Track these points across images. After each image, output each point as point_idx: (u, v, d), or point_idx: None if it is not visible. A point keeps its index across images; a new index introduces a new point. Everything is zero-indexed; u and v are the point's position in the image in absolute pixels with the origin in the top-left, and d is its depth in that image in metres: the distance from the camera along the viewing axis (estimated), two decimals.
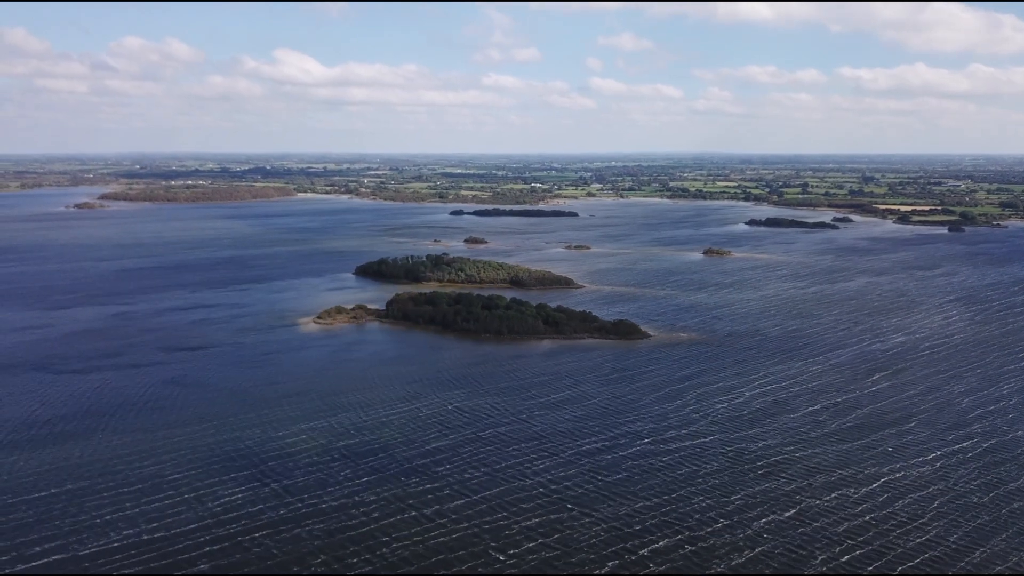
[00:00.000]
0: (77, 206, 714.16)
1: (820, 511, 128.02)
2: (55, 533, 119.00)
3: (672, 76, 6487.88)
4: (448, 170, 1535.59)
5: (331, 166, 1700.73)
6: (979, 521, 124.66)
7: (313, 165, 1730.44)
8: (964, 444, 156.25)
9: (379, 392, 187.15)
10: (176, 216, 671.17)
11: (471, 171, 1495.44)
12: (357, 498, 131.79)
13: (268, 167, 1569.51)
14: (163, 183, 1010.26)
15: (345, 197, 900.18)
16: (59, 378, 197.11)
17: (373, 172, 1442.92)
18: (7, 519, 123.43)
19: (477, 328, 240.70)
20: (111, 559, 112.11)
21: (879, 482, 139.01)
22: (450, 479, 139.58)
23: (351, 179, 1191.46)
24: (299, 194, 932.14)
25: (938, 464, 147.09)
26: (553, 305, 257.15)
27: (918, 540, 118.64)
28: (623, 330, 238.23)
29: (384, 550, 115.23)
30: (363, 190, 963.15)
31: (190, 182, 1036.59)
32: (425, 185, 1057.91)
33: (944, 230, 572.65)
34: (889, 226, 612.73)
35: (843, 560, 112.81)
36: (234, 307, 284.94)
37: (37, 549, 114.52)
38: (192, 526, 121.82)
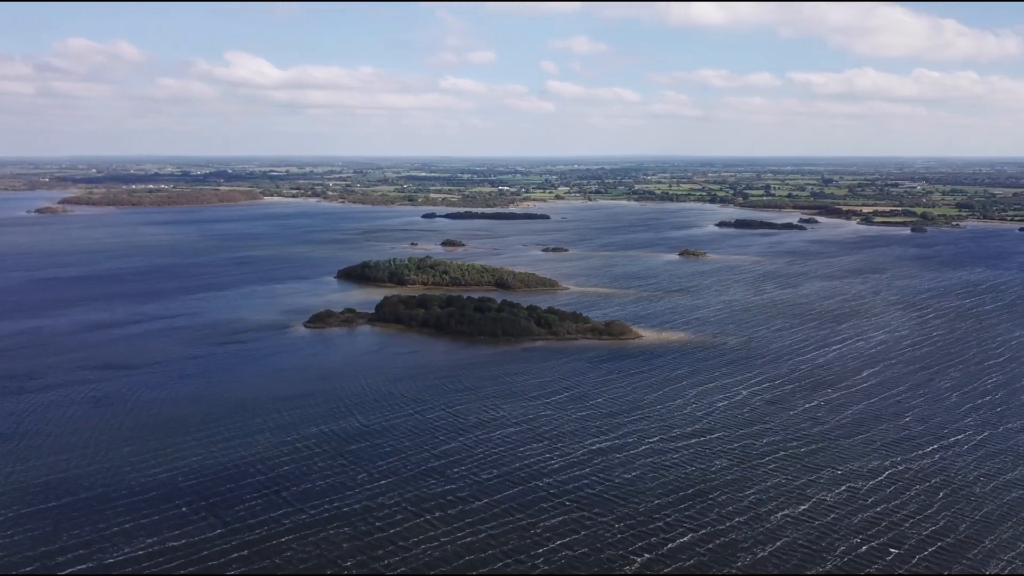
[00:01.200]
0: (39, 211, 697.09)
1: (832, 504, 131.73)
2: (77, 542, 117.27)
3: (629, 79, 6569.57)
4: (412, 173, 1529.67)
5: (294, 169, 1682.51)
6: (984, 511, 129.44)
7: (276, 168, 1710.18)
8: (959, 437, 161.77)
9: (382, 396, 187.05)
10: (145, 220, 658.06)
11: (436, 174, 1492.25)
12: (377, 501, 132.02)
13: (230, 171, 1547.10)
14: (124, 187, 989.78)
15: (313, 200, 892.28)
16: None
17: (337, 175, 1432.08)
18: (22, 528, 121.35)
19: (471, 330, 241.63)
20: (140, 566, 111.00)
21: (884, 475, 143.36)
22: (467, 480, 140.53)
23: (316, 182, 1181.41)
24: (265, 198, 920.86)
25: (937, 457, 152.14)
26: (543, 307, 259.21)
27: (930, 530, 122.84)
28: (615, 331, 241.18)
29: (415, 551, 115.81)
30: (330, 193, 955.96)
31: (151, 186, 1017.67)
32: (392, 188, 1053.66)
33: (907, 231, 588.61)
34: (854, 227, 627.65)
35: (862, 551, 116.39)
36: (217, 312, 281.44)
37: (61, 559, 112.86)
38: (216, 532, 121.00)
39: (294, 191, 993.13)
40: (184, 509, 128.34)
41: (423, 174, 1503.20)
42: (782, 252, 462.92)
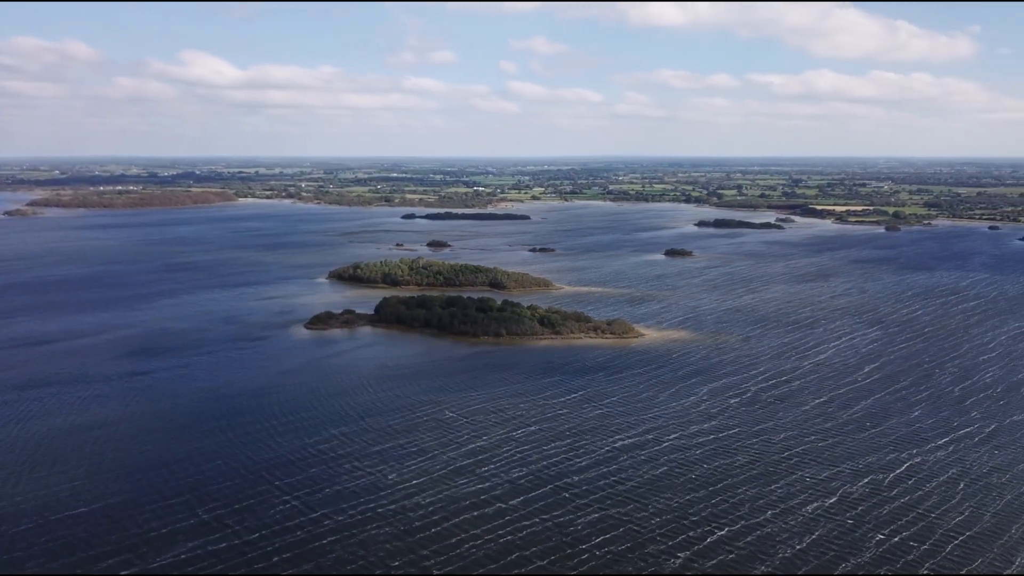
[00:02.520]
0: (7, 213, 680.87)
1: (859, 497, 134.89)
2: (115, 548, 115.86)
3: (590, 80, 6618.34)
4: (383, 174, 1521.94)
5: (263, 170, 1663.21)
6: (1005, 499, 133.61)
7: (244, 169, 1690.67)
8: (969, 429, 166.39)
9: (395, 397, 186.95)
10: (122, 223, 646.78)
11: (407, 175, 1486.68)
12: (413, 501, 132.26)
13: (197, 172, 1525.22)
14: (91, 189, 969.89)
15: (288, 202, 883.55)
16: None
17: (308, 176, 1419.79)
18: (55, 536, 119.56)
19: (475, 330, 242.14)
20: (184, 571, 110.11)
21: (903, 467, 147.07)
22: (498, 479, 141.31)
23: (288, 183, 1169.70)
24: (239, 199, 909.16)
25: (951, 449, 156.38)
26: (543, 306, 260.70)
27: (956, 520, 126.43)
28: (618, 330, 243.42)
29: (459, 550, 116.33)
30: (304, 194, 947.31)
31: (120, 188, 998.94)
32: (366, 189, 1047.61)
33: (882, 229, 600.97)
34: (830, 226, 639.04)
35: (895, 541, 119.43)
36: (211, 314, 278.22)
37: (103, 565, 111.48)
38: (256, 535, 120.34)
39: (268, 192, 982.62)
40: (219, 512, 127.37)
41: (394, 175, 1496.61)
42: (766, 251, 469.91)
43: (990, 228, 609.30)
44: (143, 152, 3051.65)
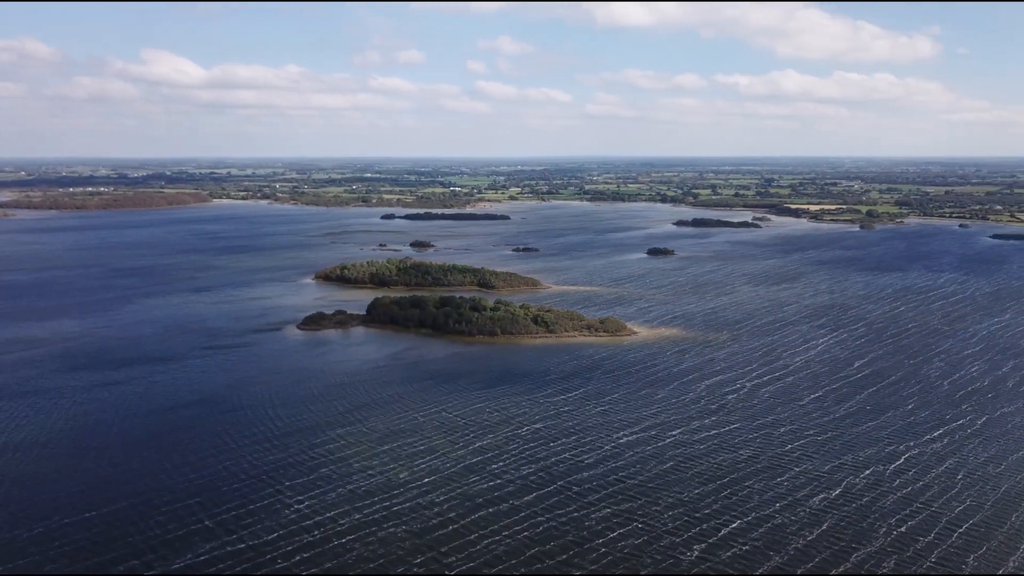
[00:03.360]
0: None
1: (863, 488, 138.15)
2: (132, 550, 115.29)
3: (559, 80, 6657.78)
4: (357, 174, 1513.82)
5: (235, 171, 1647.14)
6: (1003, 489, 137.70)
7: (216, 170, 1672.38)
8: (961, 422, 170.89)
9: (396, 396, 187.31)
10: (100, 224, 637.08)
11: (381, 175, 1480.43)
12: (427, 499, 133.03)
13: (168, 173, 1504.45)
14: (61, 191, 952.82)
15: (264, 202, 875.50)
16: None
17: (281, 177, 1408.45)
18: (69, 539, 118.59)
19: (470, 329, 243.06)
20: (206, 571, 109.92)
21: (902, 459, 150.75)
22: (508, 476, 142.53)
23: (262, 184, 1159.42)
24: (214, 200, 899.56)
25: (946, 440, 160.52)
26: (534, 305, 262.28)
27: (959, 509, 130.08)
28: (611, 328, 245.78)
29: (479, 547, 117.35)
30: (280, 195, 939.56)
31: (91, 189, 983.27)
32: (342, 189, 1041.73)
33: (856, 228, 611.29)
34: (805, 224, 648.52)
35: (902, 530, 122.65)
36: (199, 316, 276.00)
37: (121, 568, 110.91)
38: (274, 535, 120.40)
39: (242, 193, 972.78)
40: (233, 513, 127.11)
41: (368, 175, 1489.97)
42: (746, 249, 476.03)
43: (960, 226, 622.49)
44: (109, 153, 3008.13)
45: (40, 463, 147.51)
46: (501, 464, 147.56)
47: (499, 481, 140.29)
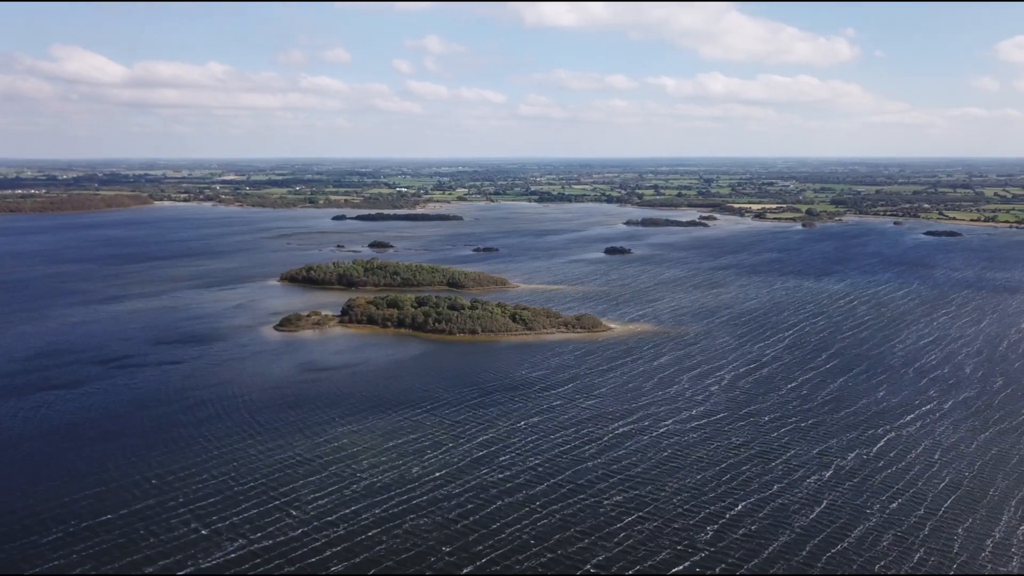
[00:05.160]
0: None
1: (852, 468, 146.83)
2: (161, 551, 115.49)
3: (490, 81, 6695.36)
4: (297, 175, 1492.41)
5: (169, 172, 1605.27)
6: (979, 464, 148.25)
7: (150, 172, 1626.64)
8: (929, 406, 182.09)
9: (392, 393, 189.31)
10: (45, 227, 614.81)
11: (322, 176, 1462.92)
12: (443, 491, 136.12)
13: (100, 175, 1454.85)
14: None
15: (208, 204, 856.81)
16: None
17: (220, 178, 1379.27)
18: (90, 543, 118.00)
19: (450, 328, 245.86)
20: (240, 567, 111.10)
21: (883, 441, 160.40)
22: (517, 467, 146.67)
23: (202, 185, 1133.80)
24: (155, 202, 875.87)
25: (919, 424, 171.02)
26: (511, 304, 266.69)
27: (942, 485, 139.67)
28: (587, 324, 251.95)
29: (504, 535, 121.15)
30: (224, 197, 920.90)
31: (21, 191, 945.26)
32: (287, 190, 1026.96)
33: (799, 226, 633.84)
34: (750, 222, 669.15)
35: (894, 506, 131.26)
36: (175, 316, 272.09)
37: (149, 570, 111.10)
38: (299, 531, 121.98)
39: (183, 195, 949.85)
40: (254, 512, 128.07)
41: (309, 176, 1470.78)
42: (698, 247, 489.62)
43: (895, 224, 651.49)
44: (27, 154, 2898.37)
45: (41, 461, 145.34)
46: (508, 457, 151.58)
47: (509, 473, 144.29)
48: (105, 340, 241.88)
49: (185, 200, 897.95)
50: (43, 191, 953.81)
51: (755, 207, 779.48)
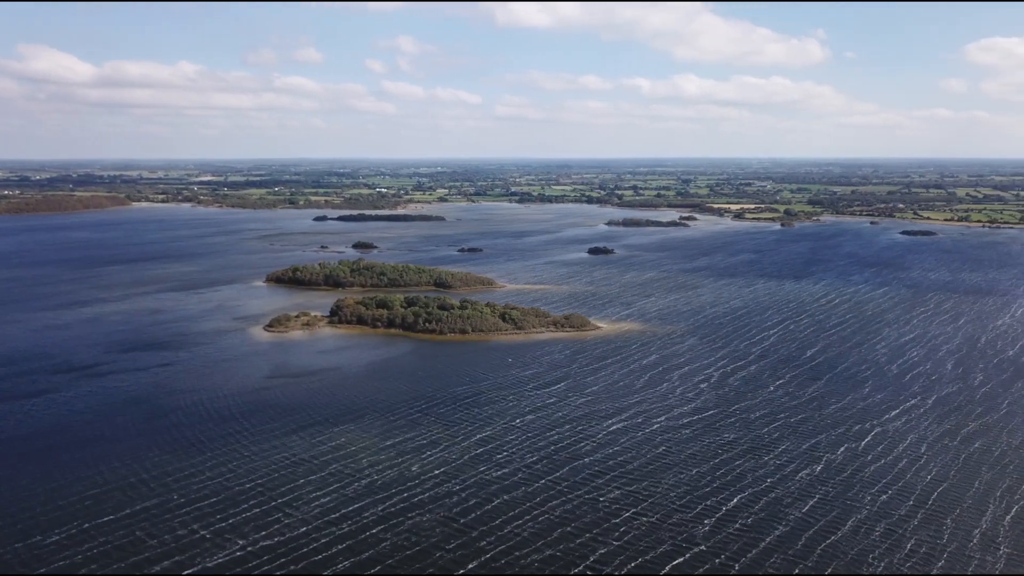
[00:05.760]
0: None
1: (842, 462, 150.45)
2: (166, 550, 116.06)
3: (465, 81, 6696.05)
4: (274, 176, 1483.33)
5: (145, 173, 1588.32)
6: (962, 458, 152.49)
7: (125, 172, 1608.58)
8: (914, 401, 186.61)
9: (386, 393, 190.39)
10: (26, 228, 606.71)
11: (300, 177, 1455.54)
12: (444, 489, 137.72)
13: (74, 175, 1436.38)
14: None
15: (187, 206, 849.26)
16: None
17: (197, 179, 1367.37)
18: (96, 542, 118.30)
19: (441, 328, 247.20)
20: (246, 565, 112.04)
21: (870, 436, 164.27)
22: (516, 464, 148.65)
23: (180, 187, 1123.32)
24: (133, 203, 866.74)
25: (903, 419, 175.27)
26: (500, 304, 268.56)
27: (929, 477, 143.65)
28: (575, 323, 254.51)
29: (506, 530, 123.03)
30: (203, 198, 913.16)
31: None
32: (266, 191, 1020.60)
33: (778, 225, 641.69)
34: (730, 222, 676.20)
35: (885, 498, 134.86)
36: (166, 317, 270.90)
37: (157, 569, 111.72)
38: (303, 529, 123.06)
39: (162, 196, 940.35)
40: (256, 511, 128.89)
41: (287, 177, 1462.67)
42: (681, 247, 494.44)
43: (871, 223, 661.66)
44: None
45: (48, 463, 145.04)
46: (505, 454, 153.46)
47: (507, 470, 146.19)
48: (90, 343, 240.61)
49: (163, 201, 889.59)
50: (16, 192, 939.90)
51: (734, 207, 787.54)
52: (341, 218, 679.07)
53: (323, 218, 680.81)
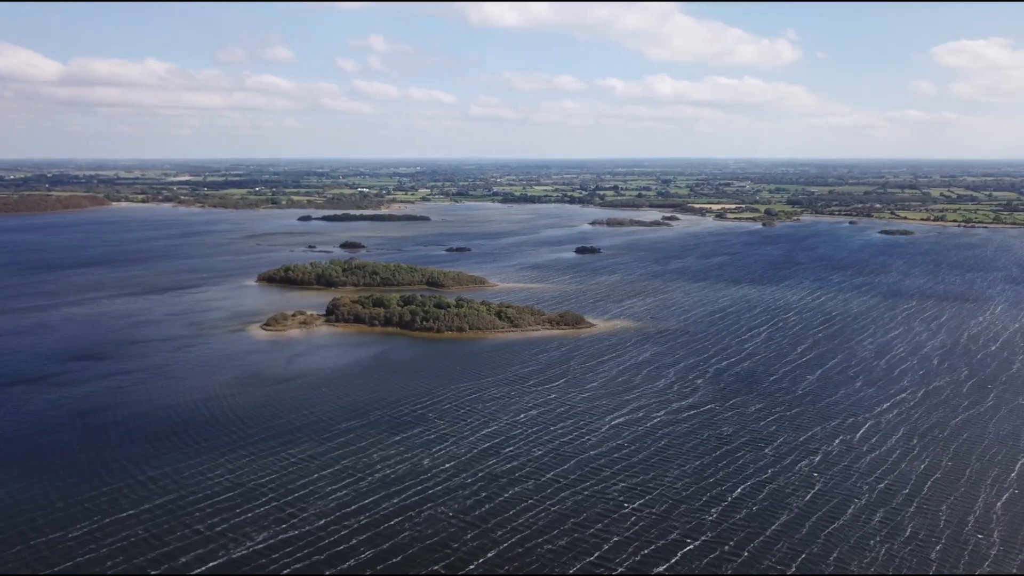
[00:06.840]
0: None
1: (839, 453, 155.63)
2: (188, 543, 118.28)
3: (438, 81, 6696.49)
4: (254, 176, 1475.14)
5: (122, 173, 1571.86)
6: (953, 447, 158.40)
7: (102, 172, 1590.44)
8: (903, 395, 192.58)
9: (390, 390, 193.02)
10: (8, 229, 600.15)
11: (279, 177, 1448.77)
12: (455, 481, 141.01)
13: (49, 175, 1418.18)
14: None
15: (168, 205, 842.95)
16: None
17: (175, 179, 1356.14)
18: (120, 536, 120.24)
19: (438, 326, 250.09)
20: (270, 557, 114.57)
21: (864, 428, 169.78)
22: (523, 458, 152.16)
23: (160, 187, 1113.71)
24: (113, 203, 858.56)
25: (895, 412, 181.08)
26: (495, 302, 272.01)
27: (922, 467, 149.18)
28: (570, 321, 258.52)
29: (521, 520, 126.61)
30: (184, 197, 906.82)
31: None
32: (247, 191, 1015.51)
33: (759, 225, 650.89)
34: (713, 222, 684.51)
35: (881, 487, 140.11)
36: (160, 315, 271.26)
37: (183, 559, 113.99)
38: (321, 522, 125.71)
39: (141, 196, 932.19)
40: (273, 505, 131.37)
41: (266, 176, 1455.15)
42: (665, 246, 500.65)
43: (850, 223, 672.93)
44: None
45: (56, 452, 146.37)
46: (513, 448, 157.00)
47: (517, 463, 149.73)
48: (81, 344, 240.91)
49: (143, 201, 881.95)
50: None
51: (715, 207, 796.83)
52: (325, 218, 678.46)
53: (307, 218, 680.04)
